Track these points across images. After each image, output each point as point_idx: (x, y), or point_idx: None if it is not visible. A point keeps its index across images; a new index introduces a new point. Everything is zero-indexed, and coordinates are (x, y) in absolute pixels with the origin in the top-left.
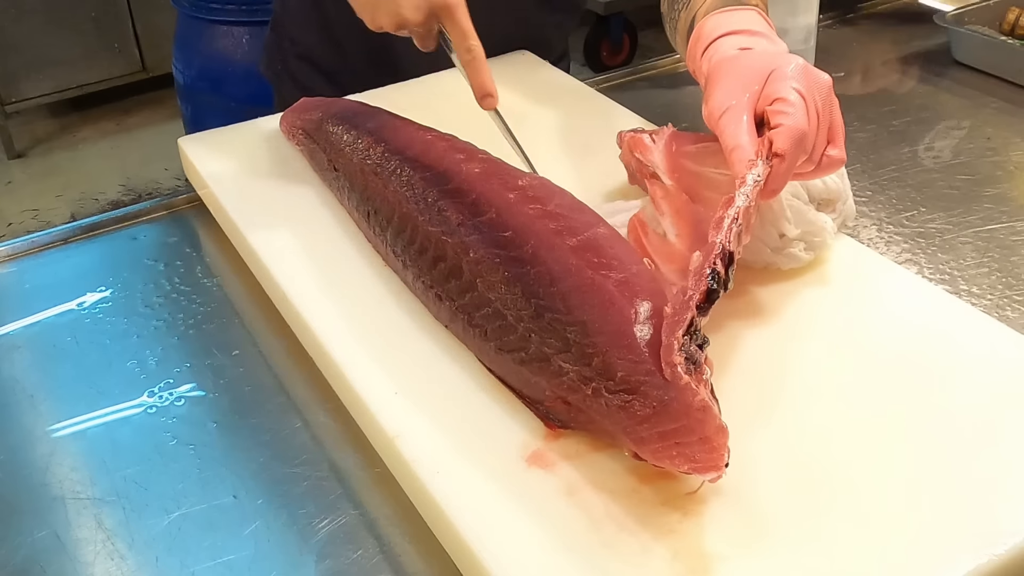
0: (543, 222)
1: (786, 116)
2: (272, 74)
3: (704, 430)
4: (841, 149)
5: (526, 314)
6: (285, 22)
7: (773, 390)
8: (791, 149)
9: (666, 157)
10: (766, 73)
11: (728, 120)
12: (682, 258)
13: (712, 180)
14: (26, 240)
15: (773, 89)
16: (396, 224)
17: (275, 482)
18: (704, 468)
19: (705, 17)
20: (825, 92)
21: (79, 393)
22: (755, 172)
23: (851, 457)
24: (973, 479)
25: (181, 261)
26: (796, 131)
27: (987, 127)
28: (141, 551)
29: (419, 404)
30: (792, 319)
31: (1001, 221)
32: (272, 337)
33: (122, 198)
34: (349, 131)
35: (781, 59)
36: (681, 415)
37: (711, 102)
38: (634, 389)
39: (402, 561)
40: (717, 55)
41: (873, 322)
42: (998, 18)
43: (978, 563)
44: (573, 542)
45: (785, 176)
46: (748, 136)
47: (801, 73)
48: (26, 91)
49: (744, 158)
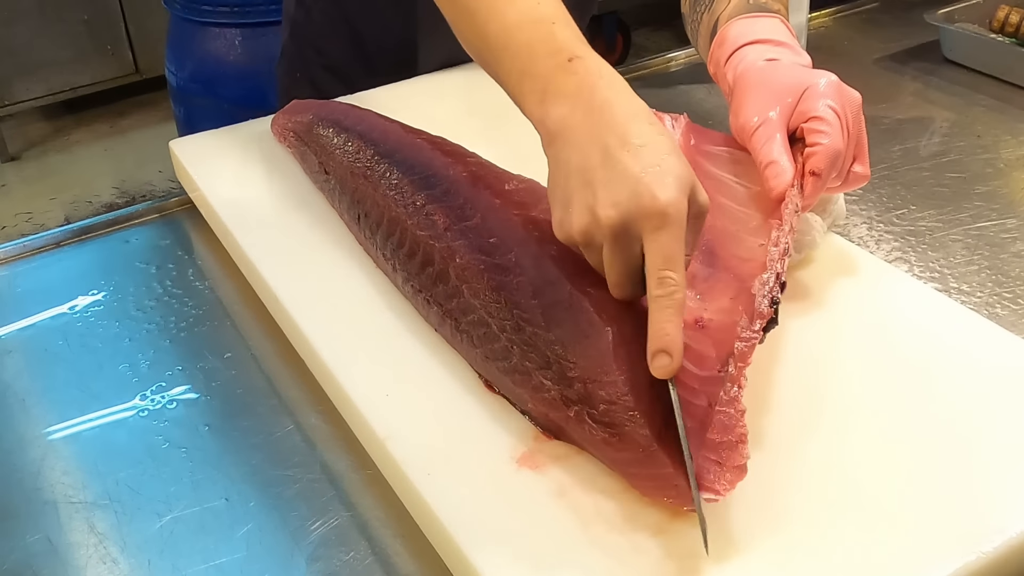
0: (527, 228)
1: (823, 135)
2: (290, 81)
3: (680, 480)
4: (866, 166)
5: (508, 324)
6: (310, 32)
7: (760, 388)
8: (827, 169)
9: (682, 148)
10: (798, 88)
11: (762, 136)
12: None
13: (730, 188)
14: (18, 244)
15: (809, 107)
16: (385, 227)
17: (267, 484)
18: (681, 504)
19: (729, 22)
20: (856, 109)
21: (71, 397)
22: (794, 201)
23: (840, 455)
24: (963, 476)
25: (173, 264)
26: (833, 151)
27: (977, 125)
28: (133, 555)
29: (410, 406)
30: (781, 318)
31: (991, 219)
32: (264, 340)
33: (116, 200)
34: (339, 134)
35: (814, 75)
36: (663, 464)
37: (742, 114)
38: (617, 427)
39: (394, 562)
40: (743, 64)
41: (862, 321)
42: (988, 16)
43: (967, 560)
44: (564, 542)
45: (816, 194)
46: (784, 154)
47: (835, 90)
48: (19, 93)
49: (778, 175)
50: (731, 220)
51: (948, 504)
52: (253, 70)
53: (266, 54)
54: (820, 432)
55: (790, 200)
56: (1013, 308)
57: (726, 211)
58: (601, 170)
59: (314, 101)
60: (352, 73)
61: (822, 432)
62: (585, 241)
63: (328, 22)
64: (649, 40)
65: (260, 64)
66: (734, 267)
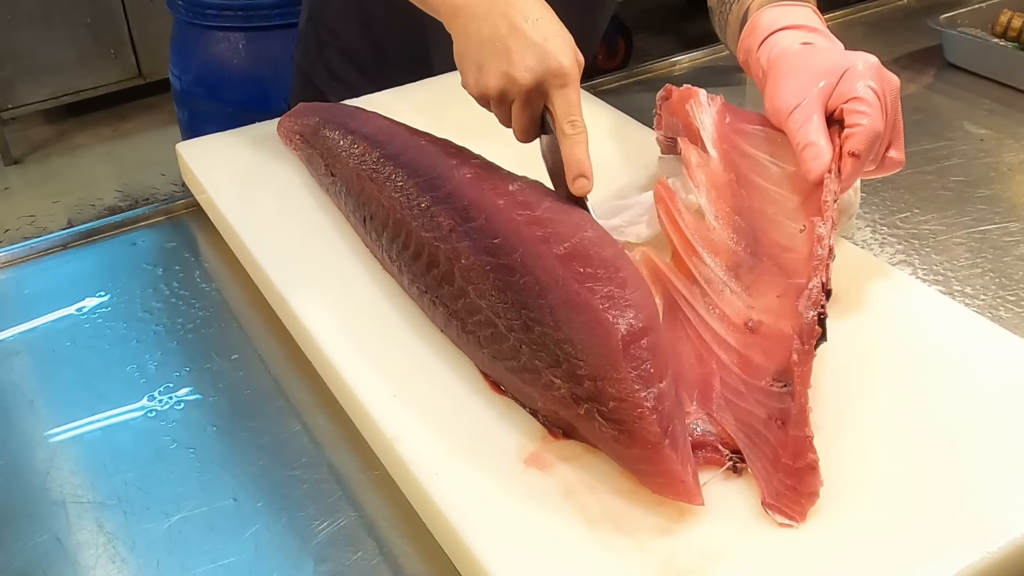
0: (531, 229)
1: (863, 116)
2: (307, 63)
3: (688, 476)
4: (901, 151)
5: (516, 324)
6: (326, 15)
7: None
8: (867, 151)
9: (717, 125)
10: (838, 69)
11: (800, 117)
12: (729, 252)
13: (765, 167)
14: (25, 246)
15: (849, 88)
16: (391, 229)
17: (275, 485)
18: (688, 500)
19: (760, 10)
20: (895, 93)
21: (79, 398)
22: (832, 189)
23: (844, 456)
24: (967, 477)
25: (180, 266)
26: (873, 132)
27: (980, 128)
28: (142, 554)
29: (417, 406)
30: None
31: (994, 222)
32: (271, 341)
33: (119, 204)
34: (345, 136)
35: (854, 56)
36: (671, 461)
37: (779, 97)
38: (625, 424)
39: (401, 563)
40: (778, 48)
41: (866, 323)
42: (991, 20)
43: (972, 560)
44: (571, 542)
45: (854, 176)
46: (822, 135)
47: (876, 72)
48: (22, 97)
49: (816, 156)
50: (768, 202)
51: (952, 504)
52: (257, 74)
53: (270, 58)
54: (823, 432)
55: (828, 189)
56: (1016, 311)
57: (762, 192)
58: (511, 40)
59: (321, 103)
60: (362, 56)
61: (825, 432)
62: (500, 99)
63: (342, 4)
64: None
65: (264, 68)
66: (776, 256)
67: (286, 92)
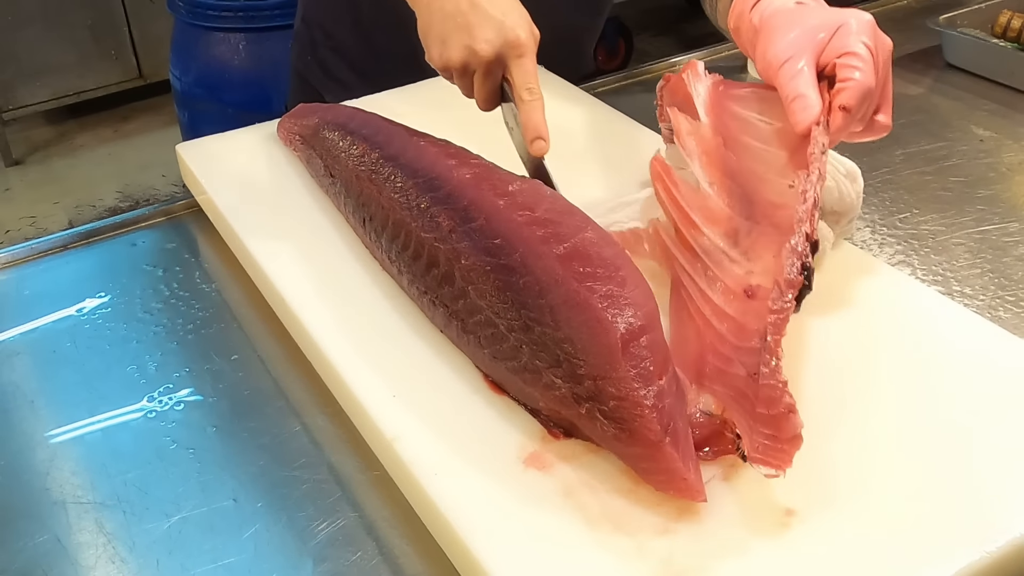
0: (531, 229)
1: (855, 70)
2: (302, 64)
3: (690, 474)
4: (889, 116)
5: (517, 324)
6: (318, 15)
7: None
8: (857, 105)
9: (710, 93)
10: (832, 25)
11: (789, 70)
12: (726, 219)
13: (754, 126)
14: (25, 247)
15: (842, 43)
16: (391, 230)
17: (274, 485)
18: (690, 498)
19: None
20: (887, 54)
21: (79, 398)
22: (819, 141)
23: (845, 456)
24: (967, 477)
25: (180, 267)
26: (865, 87)
27: (979, 129)
28: (142, 555)
29: (417, 407)
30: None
31: (993, 222)
32: (270, 341)
33: (119, 205)
34: (344, 137)
35: (849, 13)
36: (672, 459)
37: (770, 51)
38: (626, 423)
39: (401, 563)
40: (771, 8)
41: (866, 324)
42: (990, 21)
43: (972, 559)
44: (570, 542)
45: (842, 132)
46: (811, 87)
47: (871, 29)
48: (23, 98)
49: (805, 108)
50: (759, 161)
51: (952, 504)
52: (257, 75)
53: (270, 59)
54: (826, 434)
55: (815, 141)
56: (1015, 311)
57: (753, 152)
58: (472, 15)
59: (320, 104)
60: (354, 55)
61: (828, 434)
62: (462, 70)
63: (334, 3)
64: (651, 45)
65: (264, 69)
66: (771, 215)
67: (286, 93)
